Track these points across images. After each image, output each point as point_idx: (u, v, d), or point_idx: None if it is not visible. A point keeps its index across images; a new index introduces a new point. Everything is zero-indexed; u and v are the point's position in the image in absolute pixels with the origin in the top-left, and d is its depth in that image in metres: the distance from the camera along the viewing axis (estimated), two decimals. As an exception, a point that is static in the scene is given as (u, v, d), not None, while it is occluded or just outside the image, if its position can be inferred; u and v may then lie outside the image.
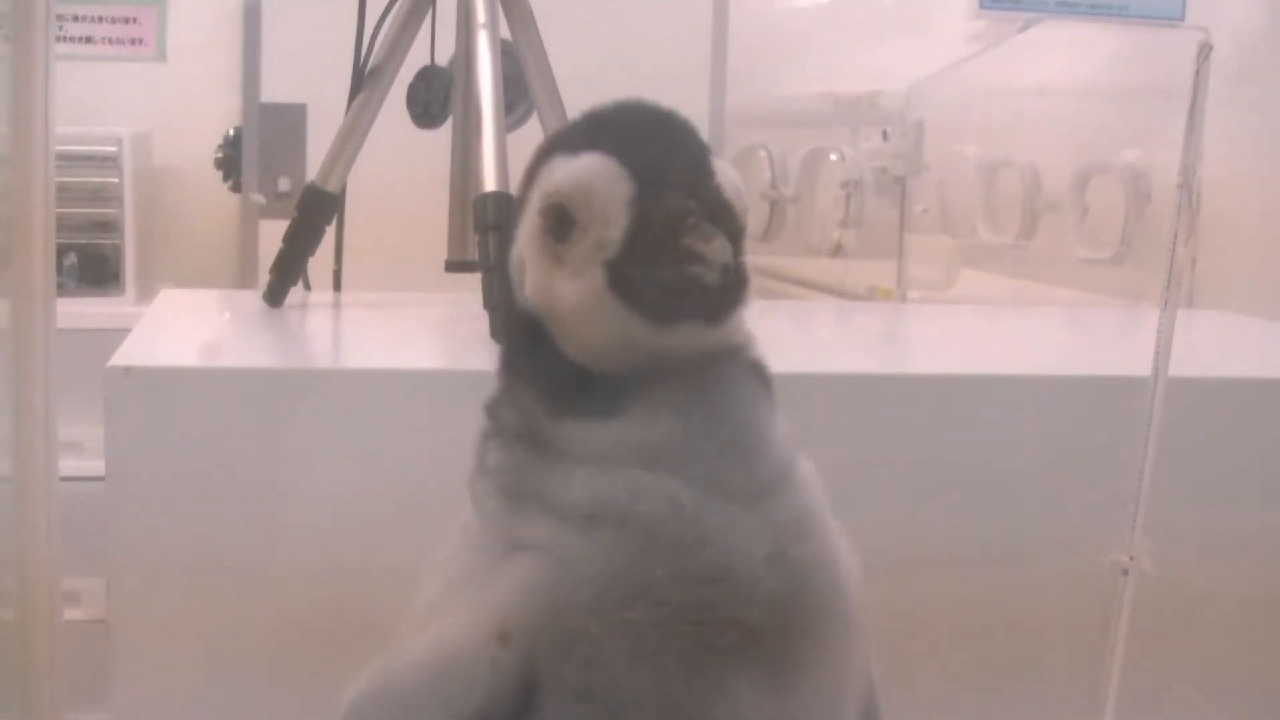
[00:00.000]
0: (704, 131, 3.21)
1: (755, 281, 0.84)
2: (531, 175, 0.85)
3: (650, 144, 0.82)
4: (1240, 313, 2.35)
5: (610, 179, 0.79)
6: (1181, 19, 3.29)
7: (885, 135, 2.89)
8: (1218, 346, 1.95)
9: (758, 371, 0.83)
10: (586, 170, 0.80)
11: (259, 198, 2.68)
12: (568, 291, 0.79)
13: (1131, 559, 1.06)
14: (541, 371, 0.81)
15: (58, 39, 2.90)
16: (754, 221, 3.23)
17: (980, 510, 1.40)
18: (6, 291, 1.26)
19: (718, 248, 0.78)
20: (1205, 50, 0.92)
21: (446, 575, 0.78)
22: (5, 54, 1.23)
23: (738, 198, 0.83)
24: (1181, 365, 1.31)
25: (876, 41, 3.42)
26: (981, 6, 3.24)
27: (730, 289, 0.81)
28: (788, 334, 1.84)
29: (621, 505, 0.74)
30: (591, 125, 0.85)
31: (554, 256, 0.80)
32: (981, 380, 1.46)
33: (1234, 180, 3.21)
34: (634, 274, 0.78)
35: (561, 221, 0.80)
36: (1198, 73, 0.92)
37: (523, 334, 0.83)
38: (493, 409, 0.83)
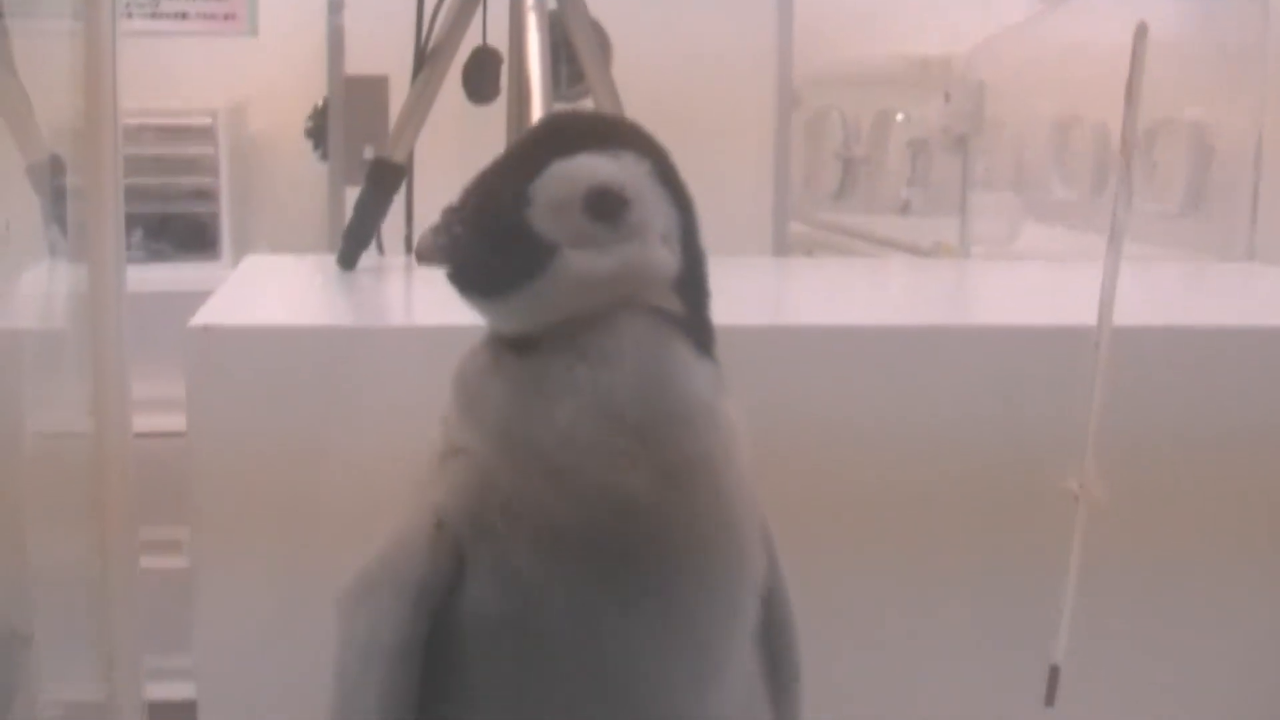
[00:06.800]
0: (772, 93, 3.25)
1: (828, 239, 0.93)
2: (542, 150, 0.88)
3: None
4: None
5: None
6: (1246, -25, 3.31)
7: (947, 97, 2.96)
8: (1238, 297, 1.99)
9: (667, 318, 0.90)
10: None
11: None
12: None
13: (1082, 486, 1.12)
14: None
15: (153, 15, 3.04)
16: (828, 180, 3.33)
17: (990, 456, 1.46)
18: (85, 257, 1.35)
19: None
20: (1142, 31, 1.01)
21: (413, 479, 0.93)
22: (77, 31, 1.31)
23: None
24: (1186, 315, 1.34)
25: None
26: (1047, -35, 3.30)
27: None
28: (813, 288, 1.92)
29: (521, 431, 0.86)
30: (622, 133, 0.91)
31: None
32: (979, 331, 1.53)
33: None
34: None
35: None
36: (1134, 53, 1.00)
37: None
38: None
